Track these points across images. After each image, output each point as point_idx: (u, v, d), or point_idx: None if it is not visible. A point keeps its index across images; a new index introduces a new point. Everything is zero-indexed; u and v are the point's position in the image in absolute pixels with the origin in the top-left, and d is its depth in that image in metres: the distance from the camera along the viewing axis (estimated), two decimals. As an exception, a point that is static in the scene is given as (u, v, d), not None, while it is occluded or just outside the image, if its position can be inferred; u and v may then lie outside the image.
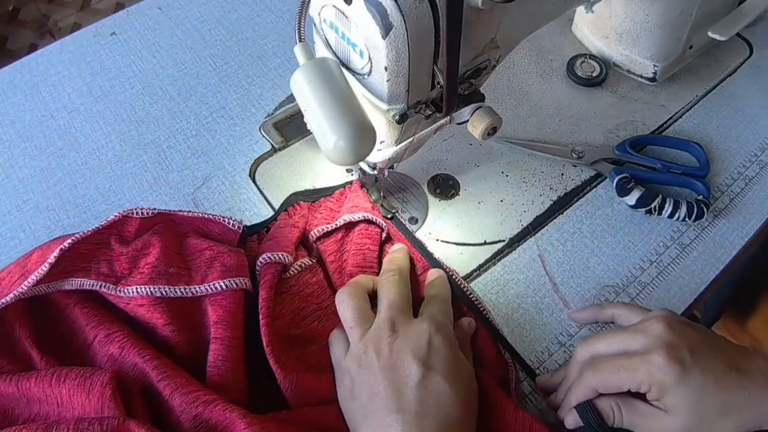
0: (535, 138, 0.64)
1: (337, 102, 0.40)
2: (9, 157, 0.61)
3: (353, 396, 0.44)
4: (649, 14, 0.63)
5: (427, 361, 0.43)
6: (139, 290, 0.46)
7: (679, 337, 0.42)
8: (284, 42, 0.71)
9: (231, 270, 0.48)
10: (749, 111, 0.66)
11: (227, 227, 0.52)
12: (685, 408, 0.41)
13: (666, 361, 0.41)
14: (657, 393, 0.42)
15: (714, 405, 0.41)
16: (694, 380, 0.41)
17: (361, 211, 0.54)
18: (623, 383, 0.42)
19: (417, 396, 0.42)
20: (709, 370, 0.41)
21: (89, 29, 0.72)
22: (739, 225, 0.58)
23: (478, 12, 0.41)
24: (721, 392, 0.41)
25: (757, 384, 0.41)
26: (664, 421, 0.42)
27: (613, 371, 0.43)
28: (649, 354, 0.42)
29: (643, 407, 0.43)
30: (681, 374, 0.41)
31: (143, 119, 0.64)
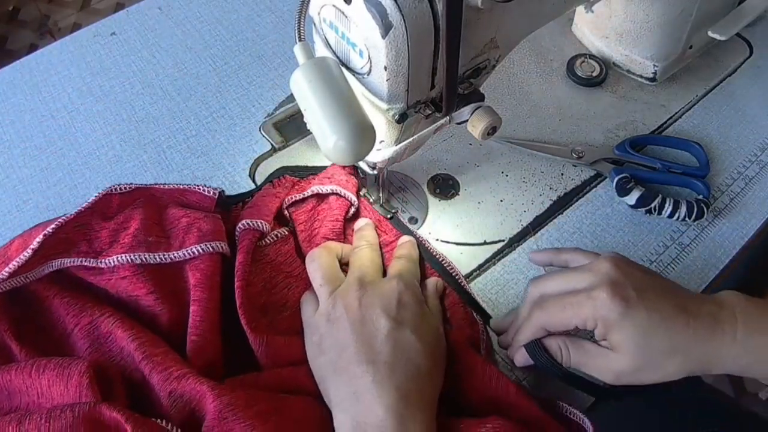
0: (535, 138, 0.64)
1: (336, 102, 0.40)
2: (9, 157, 0.61)
3: (322, 351, 0.45)
4: (649, 14, 0.63)
5: (395, 316, 0.44)
6: (120, 259, 0.47)
7: (624, 275, 0.42)
8: (284, 42, 0.71)
9: (207, 235, 0.49)
10: (749, 111, 0.66)
11: (204, 195, 0.54)
12: (630, 345, 0.41)
13: (610, 297, 0.41)
14: (602, 329, 0.41)
15: (660, 343, 0.41)
16: (639, 317, 0.41)
17: (333, 183, 0.55)
18: (569, 320, 0.42)
19: (387, 348, 0.43)
20: (654, 308, 0.41)
21: (89, 29, 0.72)
22: (739, 225, 0.58)
23: (477, 12, 0.41)
24: (666, 331, 0.41)
25: (706, 326, 0.41)
26: (610, 359, 0.42)
27: (559, 308, 0.43)
28: (593, 290, 0.42)
29: (590, 346, 0.43)
30: (625, 310, 0.40)
31: (143, 119, 0.64)
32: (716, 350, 0.41)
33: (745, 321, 0.41)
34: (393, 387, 0.41)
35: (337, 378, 0.43)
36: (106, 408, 0.40)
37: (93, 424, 0.40)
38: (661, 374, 0.42)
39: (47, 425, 0.39)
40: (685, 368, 0.41)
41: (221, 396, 0.41)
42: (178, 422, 0.42)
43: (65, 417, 0.40)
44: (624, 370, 0.42)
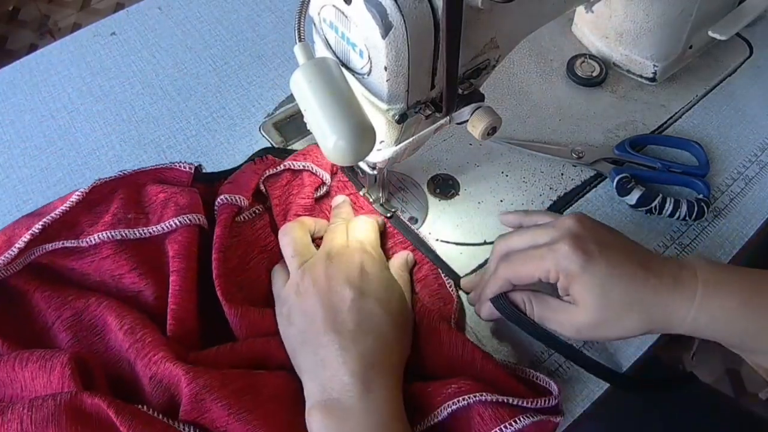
0: (535, 138, 0.64)
1: (336, 102, 0.40)
2: (9, 157, 0.61)
3: (291, 322, 0.46)
4: (649, 14, 0.63)
5: (359, 285, 0.46)
6: (101, 236, 0.49)
7: (586, 230, 0.43)
8: (284, 42, 0.71)
9: (185, 208, 0.51)
10: (749, 111, 0.66)
11: (181, 170, 0.56)
12: (590, 298, 0.42)
13: (571, 249, 0.42)
14: (564, 282, 0.42)
15: (619, 297, 0.41)
16: (599, 270, 0.41)
17: (307, 160, 0.56)
18: (533, 272, 0.43)
19: (351, 316, 0.44)
20: (615, 262, 0.42)
21: (89, 29, 0.72)
22: (739, 225, 0.58)
23: (478, 12, 0.41)
24: (626, 285, 0.41)
25: (666, 284, 0.41)
26: (571, 313, 0.43)
27: (523, 261, 0.44)
28: (555, 243, 0.43)
29: (553, 301, 0.44)
30: (586, 262, 0.41)
31: (143, 119, 0.64)
32: (676, 309, 0.41)
33: (706, 282, 0.41)
34: (358, 354, 0.43)
35: (305, 348, 0.45)
36: (87, 396, 0.41)
37: (75, 412, 0.41)
38: (620, 329, 0.42)
39: (29, 415, 0.40)
40: (644, 325, 0.42)
41: (196, 378, 0.42)
42: (160, 407, 0.43)
43: (47, 406, 0.40)
44: (584, 324, 0.43)
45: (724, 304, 0.41)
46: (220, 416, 0.42)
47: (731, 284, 0.42)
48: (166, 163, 0.56)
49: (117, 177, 0.54)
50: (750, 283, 0.42)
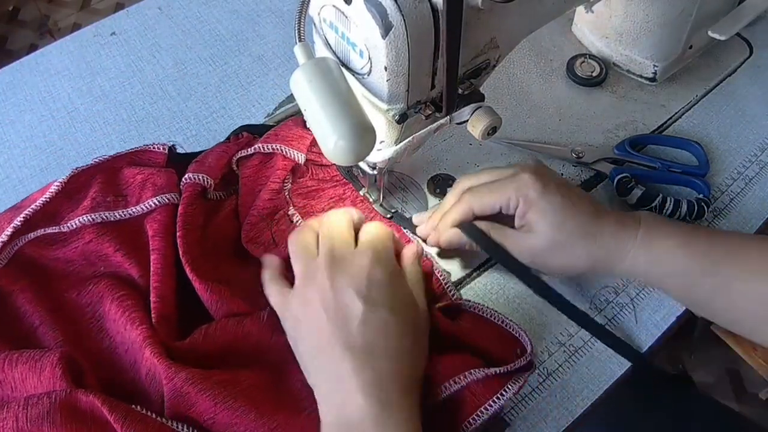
0: (534, 138, 0.64)
1: (337, 102, 0.40)
2: (9, 157, 0.61)
3: (300, 336, 0.45)
4: (649, 14, 0.63)
5: (368, 296, 0.43)
6: (81, 220, 0.50)
7: (546, 170, 0.49)
8: (284, 42, 0.71)
9: (162, 188, 0.52)
10: (749, 111, 0.66)
11: (155, 152, 0.56)
12: (544, 224, 0.46)
13: (532, 178, 0.47)
14: (523, 208, 0.47)
15: (570, 226, 0.46)
16: (555, 199, 0.46)
17: (279, 141, 0.56)
18: (496, 200, 0.48)
19: (363, 331, 0.42)
20: (569, 196, 0.47)
21: (89, 29, 0.72)
22: (739, 225, 0.58)
23: (478, 12, 0.41)
24: (578, 216, 0.46)
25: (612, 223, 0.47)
26: (527, 239, 0.47)
27: (486, 190, 0.48)
28: (517, 174, 0.48)
29: (510, 230, 0.49)
30: (543, 190, 0.46)
31: (143, 119, 0.64)
32: (619, 245, 0.46)
33: (648, 225, 0.47)
34: (372, 373, 0.41)
35: (316, 364, 0.44)
36: (82, 393, 0.41)
37: (70, 410, 0.41)
38: (568, 257, 0.47)
39: (24, 413, 0.40)
40: (591, 256, 0.47)
41: (177, 373, 0.43)
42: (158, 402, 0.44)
43: (42, 404, 0.41)
44: (537, 249, 0.47)
45: (663, 244, 0.46)
46: (206, 407, 0.42)
47: (670, 228, 0.47)
48: (140, 146, 0.56)
49: (94, 164, 0.54)
50: (690, 231, 0.47)
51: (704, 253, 0.45)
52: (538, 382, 0.50)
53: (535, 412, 0.48)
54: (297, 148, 0.56)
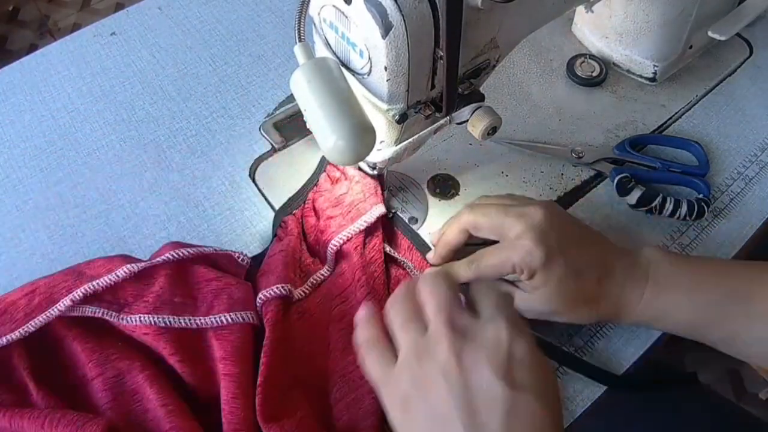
0: (535, 138, 0.64)
1: (336, 102, 0.40)
2: (9, 157, 0.61)
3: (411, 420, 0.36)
4: (649, 14, 0.63)
5: (509, 376, 0.34)
6: (143, 319, 0.45)
7: (551, 224, 0.45)
8: (284, 42, 0.71)
9: (238, 303, 0.46)
10: (749, 111, 0.66)
11: (235, 259, 0.51)
12: (545, 292, 0.45)
13: (534, 245, 0.44)
14: (526, 276, 0.45)
15: (573, 293, 0.45)
16: (557, 268, 0.44)
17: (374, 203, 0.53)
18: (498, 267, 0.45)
19: (501, 420, 0.33)
20: (572, 260, 0.45)
21: (89, 29, 0.72)
22: (739, 225, 0.58)
23: (478, 12, 0.41)
24: (580, 284, 0.45)
25: (617, 284, 0.45)
26: (533, 303, 0.46)
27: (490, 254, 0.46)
28: (520, 239, 0.44)
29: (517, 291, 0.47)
30: (546, 260, 0.44)
31: (143, 119, 0.64)
32: (623, 306, 0.46)
33: (655, 281, 0.45)
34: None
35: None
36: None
37: None
38: (572, 318, 0.46)
39: None
40: (593, 316, 0.46)
41: None
42: None
43: None
44: (542, 311, 0.46)
45: (669, 298, 0.45)
46: None
47: (677, 277, 0.45)
48: (221, 250, 0.51)
49: (171, 260, 0.48)
50: (698, 275, 0.46)
51: (711, 301, 0.45)
52: (538, 382, 0.50)
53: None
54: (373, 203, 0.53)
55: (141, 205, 0.58)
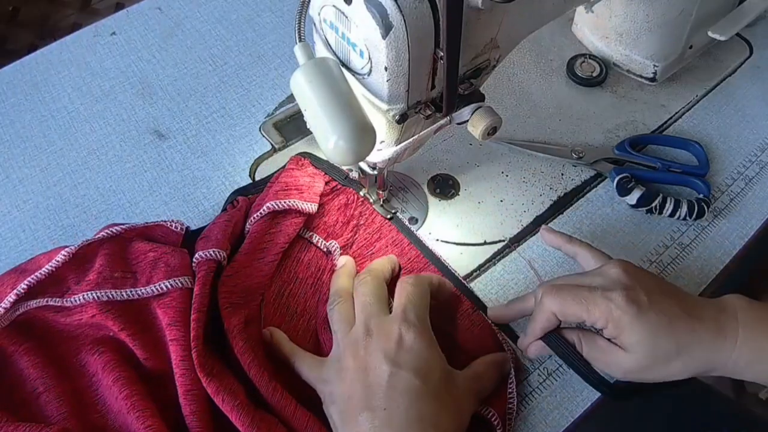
0: (535, 138, 0.64)
1: (337, 102, 0.40)
2: (9, 157, 0.61)
3: (333, 401, 0.44)
4: (649, 14, 0.63)
5: (396, 360, 0.43)
6: (86, 296, 0.47)
7: (635, 280, 0.44)
8: (284, 42, 0.71)
9: (176, 270, 0.48)
10: (749, 111, 0.66)
11: (169, 229, 0.53)
12: (640, 347, 0.43)
13: (624, 301, 0.43)
14: (613, 330, 0.43)
15: (667, 345, 0.43)
16: (650, 320, 0.43)
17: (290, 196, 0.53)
18: (582, 314, 0.44)
19: (386, 394, 0.42)
20: (663, 312, 0.43)
21: (89, 29, 0.72)
22: (739, 225, 0.58)
23: (478, 12, 0.41)
24: (673, 334, 0.43)
25: (708, 329, 0.43)
26: (620, 357, 0.44)
27: (574, 300, 0.44)
28: (609, 292, 0.43)
29: (603, 342, 0.45)
30: (637, 314, 0.43)
31: (143, 119, 0.64)
32: (718, 353, 0.43)
33: (746, 325, 0.43)
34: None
35: (344, 427, 0.43)
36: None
37: None
38: (666, 374, 0.44)
39: None
40: (688, 369, 0.44)
41: None
42: None
43: None
44: (632, 369, 0.44)
45: (764, 346, 0.43)
46: None
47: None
48: (155, 221, 0.53)
49: (105, 237, 0.50)
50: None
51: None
52: (538, 383, 0.50)
53: (535, 412, 0.48)
54: (310, 199, 0.54)
55: (141, 205, 0.58)
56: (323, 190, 0.56)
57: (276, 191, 0.54)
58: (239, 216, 0.54)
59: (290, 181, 0.55)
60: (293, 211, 0.54)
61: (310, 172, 0.56)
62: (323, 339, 0.50)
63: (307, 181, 0.55)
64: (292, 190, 0.54)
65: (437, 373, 0.44)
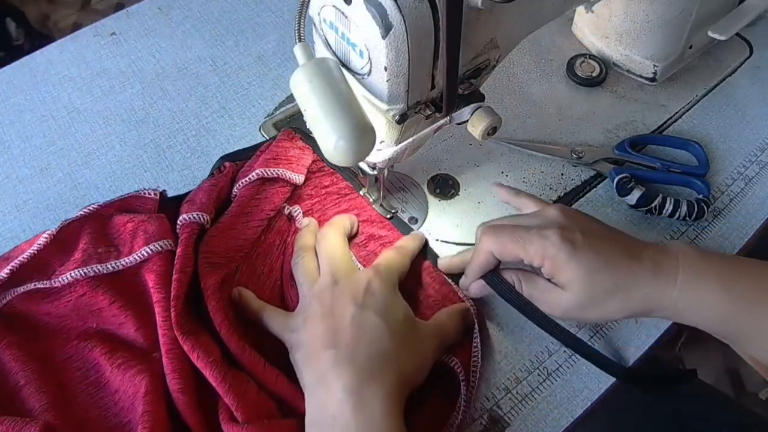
0: (535, 138, 0.64)
1: (337, 102, 0.40)
2: (9, 157, 0.61)
3: (299, 348, 0.46)
4: (649, 14, 0.63)
5: (362, 302, 0.46)
6: (73, 274, 0.48)
7: (572, 220, 0.45)
8: (284, 42, 0.71)
9: (154, 236, 0.50)
10: (749, 111, 0.66)
11: (144, 197, 0.54)
12: (576, 285, 0.44)
13: (559, 239, 0.44)
14: (550, 268, 0.44)
15: (604, 284, 0.43)
16: (585, 258, 0.43)
17: (280, 165, 0.55)
18: (519, 252, 0.45)
19: (350, 332, 0.44)
20: (599, 251, 0.44)
21: (89, 29, 0.72)
22: (739, 225, 0.58)
23: (478, 12, 0.41)
24: (610, 272, 0.43)
25: (647, 269, 0.43)
26: (559, 296, 0.45)
27: (511, 239, 0.45)
28: (544, 230, 0.44)
29: (542, 282, 0.46)
30: (572, 251, 0.43)
31: (143, 119, 0.64)
32: (656, 294, 0.43)
33: (687, 267, 0.43)
34: (353, 368, 0.42)
35: (307, 367, 0.45)
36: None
37: None
38: (603, 312, 0.45)
39: None
40: (625, 309, 0.44)
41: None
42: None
43: None
44: (570, 307, 0.45)
45: (704, 290, 0.43)
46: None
47: (711, 270, 0.43)
48: (130, 192, 0.55)
49: (83, 214, 0.52)
50: (730, 269, 0.43)
51: (746, 294, 0.43)
52: (538, 382, 0.50)
53: (535, 412, 0.48)
54: (298, 170, 0.56)
55: (141, 205, 0.58)
56: (310, 168, 0.58)
57: (266, 159, 0.55)
58: (225, 182, 0.55)
59: (280, 151, 0.56)
60: (281, 180, 0.55)
61: (300, 145, 0.58)
62: (289, 296, 0.51)
63: (296, 153, 0.57)
64: (281, 160, 0.55)
65: (400, 317, 0.47)
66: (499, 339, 0.51)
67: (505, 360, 0.50)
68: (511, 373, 0.50)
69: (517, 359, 0.51)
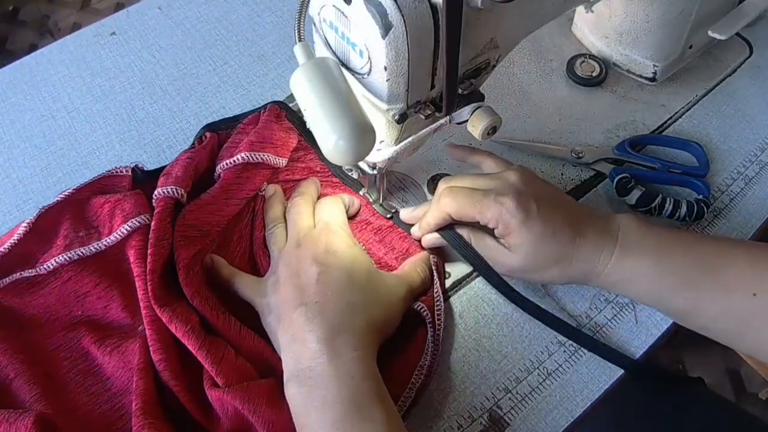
0: (534, 138, 0.64)
1: (337, 102, 0.40)
2: (9, 157, 0.61)
3: (270, 311, 0.48)
4: (649, 14, 0.63)
5: (324, 261, 0.48)
6: (58, 259, 0.49)
7: (529, 187, 0.48)
8: (284, 42, 0.71)
9: (131, 213, 0.50)
10: (749, 111, 0.66)
11: (117, 175, 0.55)
12: (523, 250, 0.47)
13: (515, 206, 0.46)
14: (503, 231, 0.48)
15: (548, 253, 0.47)
16: (536, 227, 0.46)
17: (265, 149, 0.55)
18: (475, 215, 0.48)
19: (316, 289, 0.46)
20: (549, 221, 0.47)
21: (89, 29, 0.72)
22: (739, 225, 0.58)
23: (477, 12, 0.41)
24: (556, 243, 0.47)
25: (588, 244, 0.47)
26: (506, 257, 0.49)
27: (467, 201, 0.48)
28: (501, 196, 0.47)
29: (491, 241, 0.50)
30: (525, 219, 0.46)
31: (143, 119, 0.64)
32: (592, 267, 0.47)
33: (622, 245, 0.47)
34: (323, 321, 0.44)
35: (280, 328, 0.46)
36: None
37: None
38: (543, 277, 0.49)
39: None
40: (564, 276, 0.48)
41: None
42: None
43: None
44: (514, 268, 0.49)
45: (636, 265, 0.46)
46: None
47: (648, 246, 0.46)
48: (103, 173, 0.55)
49: (60, 200, 0.52)
50: (670, 245, 0.46)
51: (677, 272, 0.45)
52: (538, 382, 0.50)
53: (535, 412, 0.48)
54: (282, 155, 0.56)
55: (141, 205, 0.58)
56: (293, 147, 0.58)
57: (252, 142, 0.55)
58: (203, 155, 0.55)
59: (267, 134, 0.56)
60: (265, 164, 0.55)
61: (286, 126, 0.58)
62: (261, 263, 0.53)
63: (282, 136, 0.57)
64: (267, 144, 0.56)
65: (363, 270, 0.49)
66: (499, 339, 0.51)
67: (505, 360, 0.50)
68: (511, 373, 0.50)
69: (517, 359, 0.51)
